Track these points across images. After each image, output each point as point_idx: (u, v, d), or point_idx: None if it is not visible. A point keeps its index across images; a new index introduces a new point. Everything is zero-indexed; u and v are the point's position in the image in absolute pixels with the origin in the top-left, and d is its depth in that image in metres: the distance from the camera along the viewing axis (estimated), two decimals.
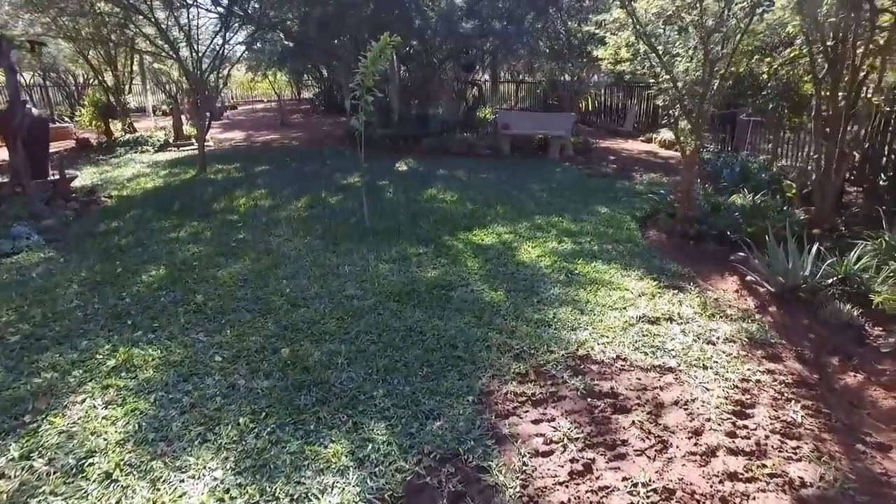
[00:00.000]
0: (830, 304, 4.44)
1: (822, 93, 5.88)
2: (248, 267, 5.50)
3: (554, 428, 3.05)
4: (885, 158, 7.05)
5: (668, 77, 5.90)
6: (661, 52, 5.72)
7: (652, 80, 6.30)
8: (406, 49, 12.47)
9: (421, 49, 12.69)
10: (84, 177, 10.00)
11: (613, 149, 13.76)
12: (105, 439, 2.90)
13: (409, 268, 5.45)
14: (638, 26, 5.69)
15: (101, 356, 3.75)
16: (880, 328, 4.24)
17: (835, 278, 4.66)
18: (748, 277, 5.19)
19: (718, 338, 4.10)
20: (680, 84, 5.80)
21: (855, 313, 4.29)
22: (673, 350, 3.90)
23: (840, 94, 5.70)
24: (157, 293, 4.85)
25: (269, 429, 3.01)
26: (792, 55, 6.97)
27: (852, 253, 4.87)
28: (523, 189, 8.87)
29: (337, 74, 16.74)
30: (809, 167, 8.80)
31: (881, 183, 6.60)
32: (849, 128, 5.81)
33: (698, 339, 4.07)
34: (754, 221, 5.86)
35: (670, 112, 6.34)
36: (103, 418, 3.08)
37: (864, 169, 6.95)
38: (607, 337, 4.07)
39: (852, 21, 5.45)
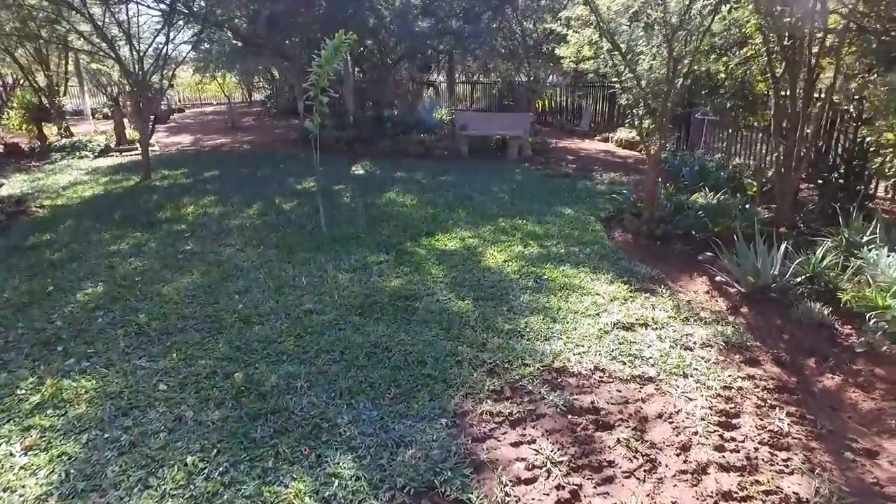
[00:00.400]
0: (801, 303, 4.40)
1: (781, 92, 5.91)
2: (197, 281, 5.10)
3: (535, 451, 2.84)
4: (835, 156, 7.19)
5: (631, 75, 5.81)
6: (624, 50, 5.63)
7: (615, 79, 6.21)
8: (360, 49, 12.14)
9: (375, 49, 12.38)
10: (12, 185, 9.26)
11: (571, 148, 13.76)
12: (22, 496, 2.51)
13: (371, 277, 5.16)
14: (601, 23, 5.57)
15: (23, 391, 3.32)
16: (849, 326, 4.22)
17: (803, 277, 4.64)
18: (717, 278, 5.13)
19: (695, 343, 3.98)
20: (644, 83, 5.72)
21: (826, 312, 4.26)
22: (651, 358, 3.75)
23: (798, 93, 5.73)
24: (94, 314, 4.41)
25: (220, 468, 2.68)
26: (748, 54, 7.02)
27: (818, 251, 4.86)
28: (484, 191, 8.69)
29: (289, 75, 16.21)
30: (764, 165, 8.96)
31: (834, 180, 6.71)
32: (805, 126, 5.85)
33: (675, 344, 3.95)
34: (720, 220, 5.84)
35: (633, 111, 6.27)
36: (21, 468, 2.68)
37: (818, 167, 7.06)
38: (583, 346, 3.90)
39: (807, 21, 5.48)
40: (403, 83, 13.93)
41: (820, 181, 7.14)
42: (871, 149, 6.64)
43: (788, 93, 5.81)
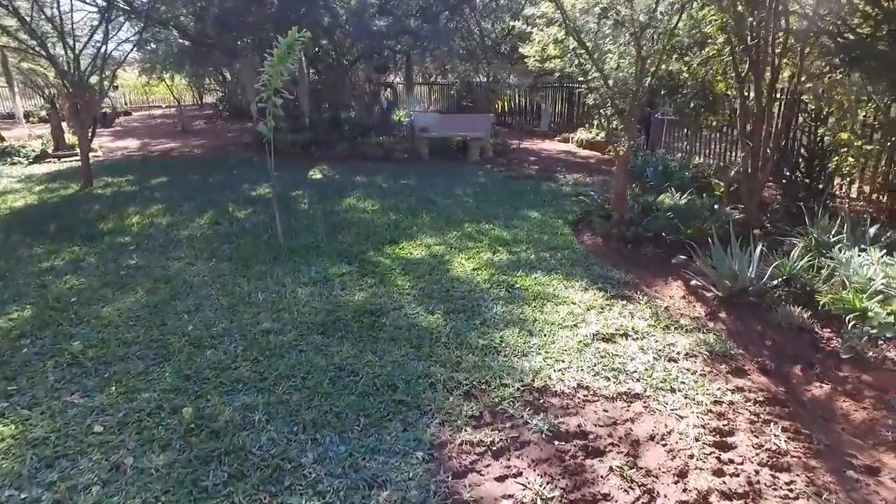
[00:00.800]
0: (780, 307, 4.30)
1: (745, 92, 5.87)
2: (142, 300, 4.64)
3: (523, 485, 2.58)
4: (797, 155, 7.25)
5: (598, 74, 5.65)
6: (591, 49, 5.46)
7: (581, 79, 6.04)
8: (315, 49, 11.70)
9: (331, 49, 11.95)
10: None
11: (532, 149, 13.67)
12: None
13: (333, 291, 4.81)
14: (567, 21, 5.38)
15: None
16: (829, 330, 4.14)
17: (780, 280, 4.55)
18: (693, 282, 5.01)
19: (679, 353, 3.81)
20: (611, 82, 5.56)
21: (805, 316, 4.17)
22: (636, 372, 3.56)
23: (762, 92, 5.69)
24: (18, 343, 3.92)
25: None
26: (710, 54, 6.99)
27: (793, 252, 4.79)
28: (448, 195, 8.42)
29: (241, 77, 15.57)
30: (725, 164, 9.01)
31: (796, 179, 6.75)
32: (770, 126, 5.82)
33: (659, 356, 3.76)
34: (691, 222, 5.74)
35: (601, 111, 6.11)
36: None
37: (780, 166, 7.10)
38: (563, 361, 3.67)
39: (769, 21, 5.43)
40: (360, 84, 13.53)
41: (783, 180, 7.18)
42: (830, 147, 6.70)
43: (753, 93, 5.76)
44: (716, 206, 6.33)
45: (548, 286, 4.93)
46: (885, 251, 4.63)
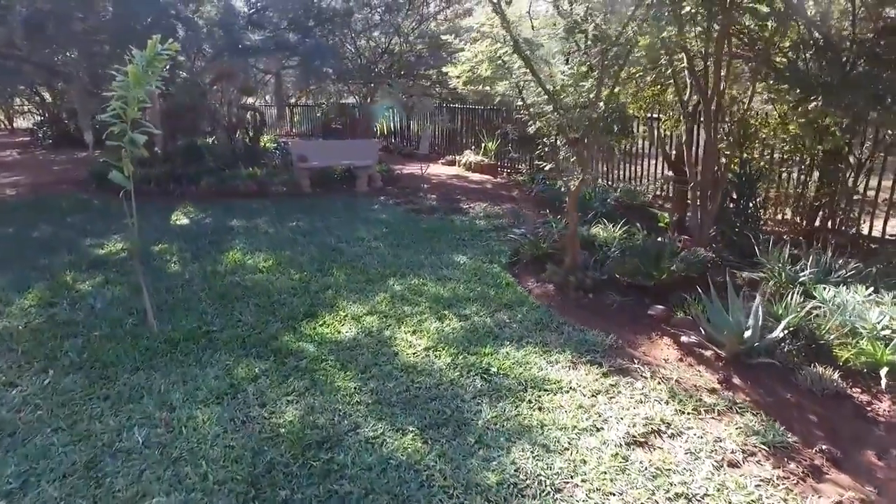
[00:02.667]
0: (804, 368, 3.73)
1: (689, 118, 5.44)
2: None
3: None
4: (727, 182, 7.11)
5: (545, 98, 4.84)
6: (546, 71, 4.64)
7: (520, 103, 5.21)
8: (166, 66, 9.75)
9: (187, 66, 10.05)
10: None
11: (420, 175, 12.73)
12: None
13: (250, 410, 3.39)
14: (512, 36, 4.49)
15: None
16: (858, 389, 3.65)
17: (785, 331, 4.01)
18: (684, 339, 4.34)
19: (735, 452, 3.01)
20: (565, 109, 4.77)
21: (836, 377, 3.63)
22: (708, 496, 2.68)
23: (712, 119, 5.28)
24: None
25: None
26: (652, 84, 6.57)
27: (788, 297, 4.31)
28: (352, 239, 7.14)
29: (67, 99, 12.79)
30: (636, 188, 8.78)
31: (730, 207, 6.54)
32: (719, 154, 5.45)
33: (719, 463, 2.93)
34: (660, 265, 5.11)
35: (546, 140, 5.32)
36: None
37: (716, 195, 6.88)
38: (613, 493, 2.69)
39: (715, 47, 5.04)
40: (221, 107, 11.67)
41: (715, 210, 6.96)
42: (755, 174, 6.58)
43: (703, 118, 5.34)
44: (660, 239, 5.83)
45: (529, 366, 3.95)
46: (871, 287, 4.33)
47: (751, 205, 6.38)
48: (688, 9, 4.61)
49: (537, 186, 9.90)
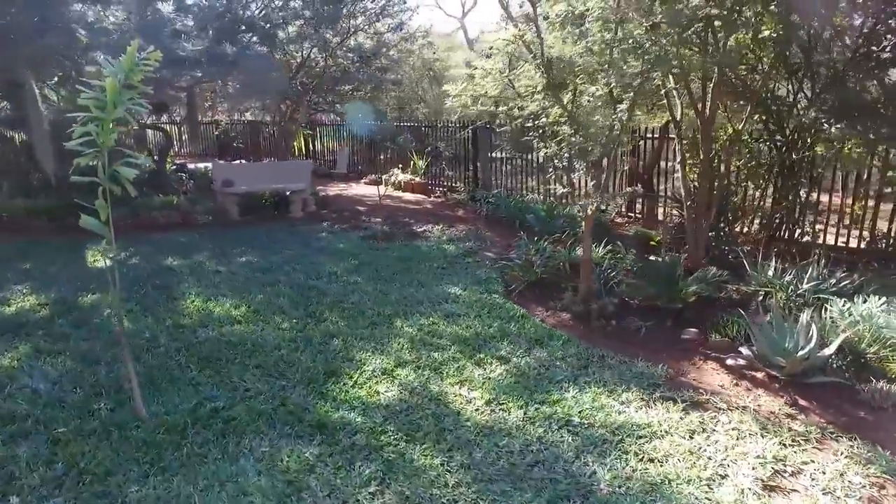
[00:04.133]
0: (862, 383, 3.83)
1: (696, 136, 5.53)
2: None
3: None
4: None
5: (565, 118, 4.62)
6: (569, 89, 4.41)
7: (530, 123, 4.95)
8: (53, 79, 8.20)
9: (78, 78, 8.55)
10: None
11: (351, 197, 12.12)
12: None
13: None
14: (536, 48, 4.22)
15: None
16: None
17: (832, 349, 4.10)
18: (729, 361, 4.32)
19: (866, 488, 2.95)
20: (588, 128, 4.58)
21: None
22: None
23: (708, 137, 5.41)
24: None
25: None
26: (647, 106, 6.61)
27: (825, 314, 4.44)
28: (323, 275, 6.44)
29: None
30: (616, 207, 8.85)
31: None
32: (714, 172, 5.61)
33: None
34: (675, 285, 5.09)
35: (556, 163, 5.10)
36: None
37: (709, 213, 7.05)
38: None
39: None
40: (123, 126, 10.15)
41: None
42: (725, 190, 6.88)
43: (701, 138, 5.45)
44: (657, 258, 5.87)
45: (607, 410, 3.67)
46: (882, 300, 4.60)
47: (725, 220, 6.66)
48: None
49: (485, 206, 9.71)
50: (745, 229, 6.99)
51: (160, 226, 8.76)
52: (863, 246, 6.68)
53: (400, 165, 13.21)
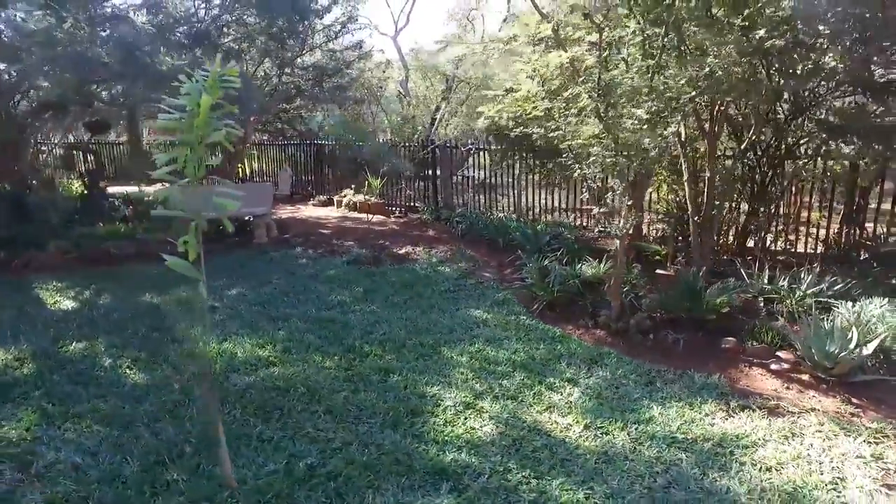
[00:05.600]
0: None
1: (692, 157, 5.89)
2: None
3: None
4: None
5: (608, 138, 4.75)
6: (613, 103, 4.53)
7: (567, 142, 5.02)
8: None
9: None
10: None
11: (305, 219, 11.60)
12: None
13: None
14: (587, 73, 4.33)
15: None
16: None
17: (870, 349, 4.50)
18: (773, 367, 4.62)
19: None
20: (633, 151, 4.73)
21: None
22: None
23: (715, 150, 5.80)
24: None
25: None
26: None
27: (839, 316, 4.86)
28: (334, 305, 6.09)
29: None
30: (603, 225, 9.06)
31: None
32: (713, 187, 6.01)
33: None
34: (701, 297, 5.35)
35: (591, 184, 5.22)
36: None
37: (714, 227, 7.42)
38: None
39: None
40: (43, 149, 8.98)
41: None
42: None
43: (707, 155, 5.82)
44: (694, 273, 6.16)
45: (698, 423, 3.78)
46: (884, 301, 5.13)
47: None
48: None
49: (458, 225, 9.69)
50: (721, 240, 7.52)
51: (113, 259, 7.85)
52: (819, 251, 7.45)
53: (352, 185, 12.89)
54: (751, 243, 7.40)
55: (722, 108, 5.47)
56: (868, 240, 7.16)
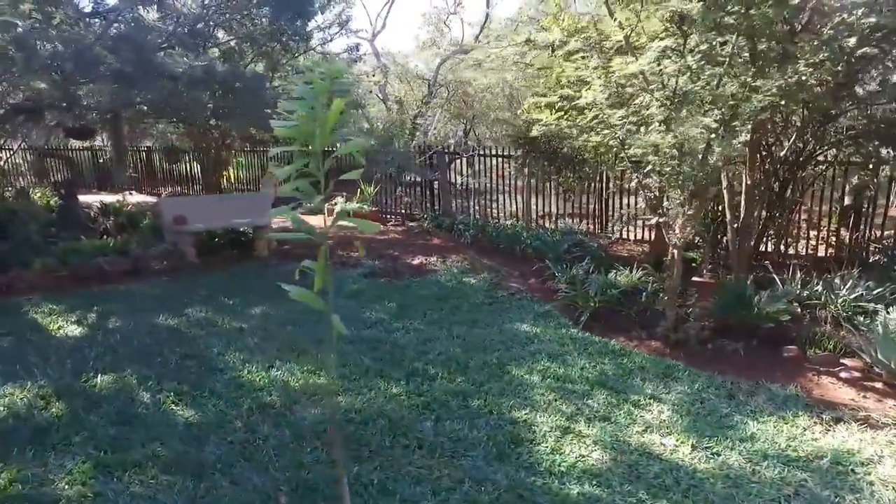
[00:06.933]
0: None
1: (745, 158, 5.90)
2: None
3: None
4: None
5: (672, 146, 4.65)
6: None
7: (638, 152, 4.89)
8: None
9: None
10: None
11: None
12: None
13: None
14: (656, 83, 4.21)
15: None
16: None
17: None
18: (843, 374, 4.63)
19: None
20: (695, 161, 4.65)
21: None
22: None
23: (754, 166, 5.82)
24: None
25: None
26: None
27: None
28: (374, 323, 5.75)
29: None
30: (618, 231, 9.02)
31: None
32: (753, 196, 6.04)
33: None
34: (751, 305, 5.34)
35: (649, 194, 5.11)
36: None
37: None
38: None
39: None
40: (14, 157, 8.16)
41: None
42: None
43: (748, 162, 5.84)
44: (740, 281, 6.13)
45: (799, 440, 3.71)
46: None
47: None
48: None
49: (465, 233, 9.47)
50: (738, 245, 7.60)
51: (107, 276, 7.20)
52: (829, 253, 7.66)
53: (344, 193, 12.43)
54: (762, 248, 7.53)
55: (769, 116, 5.51)
56: (875, 241, 7.42)
